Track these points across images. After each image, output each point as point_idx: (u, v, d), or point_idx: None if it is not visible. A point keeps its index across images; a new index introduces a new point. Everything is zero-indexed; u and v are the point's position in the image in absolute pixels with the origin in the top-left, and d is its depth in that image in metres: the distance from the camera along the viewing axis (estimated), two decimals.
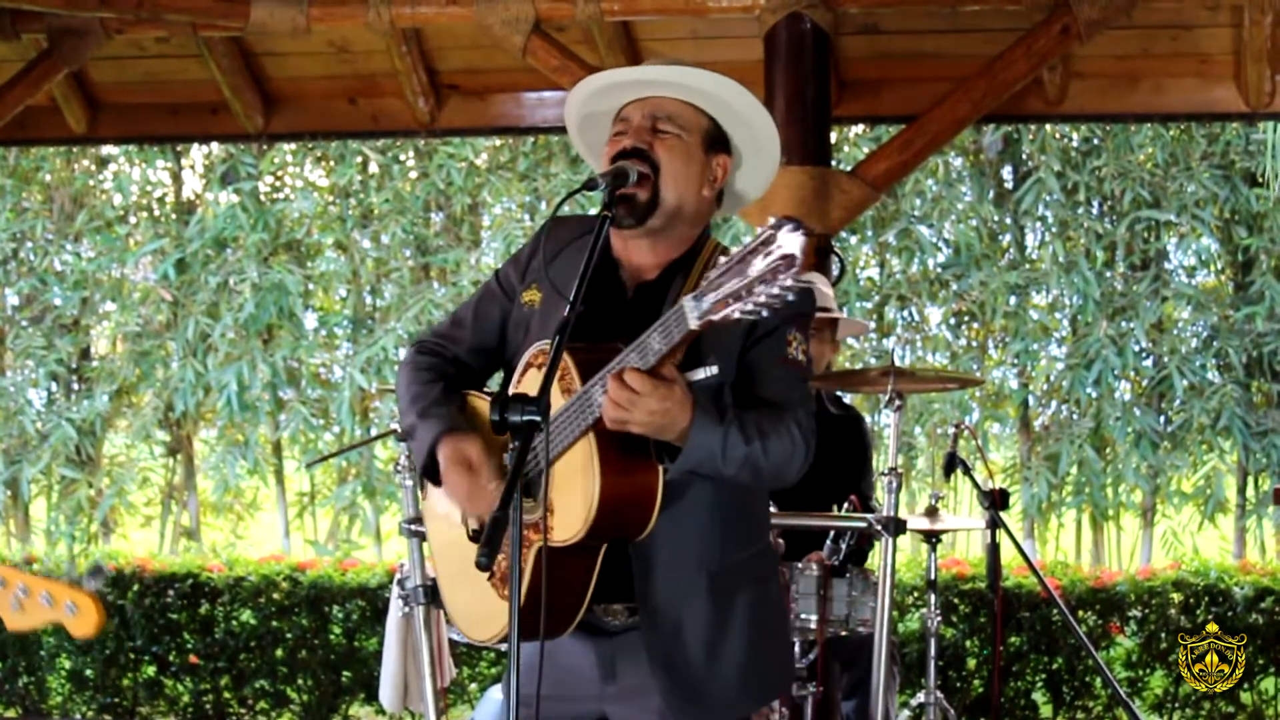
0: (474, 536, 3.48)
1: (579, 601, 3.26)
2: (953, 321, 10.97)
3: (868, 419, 6.43)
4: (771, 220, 2.83)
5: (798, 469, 3.28)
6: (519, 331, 3.49)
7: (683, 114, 3.40)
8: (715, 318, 2.88)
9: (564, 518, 3.16)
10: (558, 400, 3.15)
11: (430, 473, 3.48)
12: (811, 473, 3.44)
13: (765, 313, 2.83)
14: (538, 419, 2.91)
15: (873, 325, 10.78)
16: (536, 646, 3.15)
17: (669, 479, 3.18)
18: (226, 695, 8.72)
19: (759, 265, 2.80)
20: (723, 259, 2.90)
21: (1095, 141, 10.40)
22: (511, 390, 3.40)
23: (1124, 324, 10.33)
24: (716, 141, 3.44)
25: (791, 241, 2.78)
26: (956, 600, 8.03)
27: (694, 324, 2.92)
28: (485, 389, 3.60)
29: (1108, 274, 10.52)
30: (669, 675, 3.34)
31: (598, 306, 3.26)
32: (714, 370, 3.28)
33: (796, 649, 5.24)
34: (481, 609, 3.44)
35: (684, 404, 3.08)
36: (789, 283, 2.77)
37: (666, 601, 3.34)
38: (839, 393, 6.24)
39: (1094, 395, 10.39)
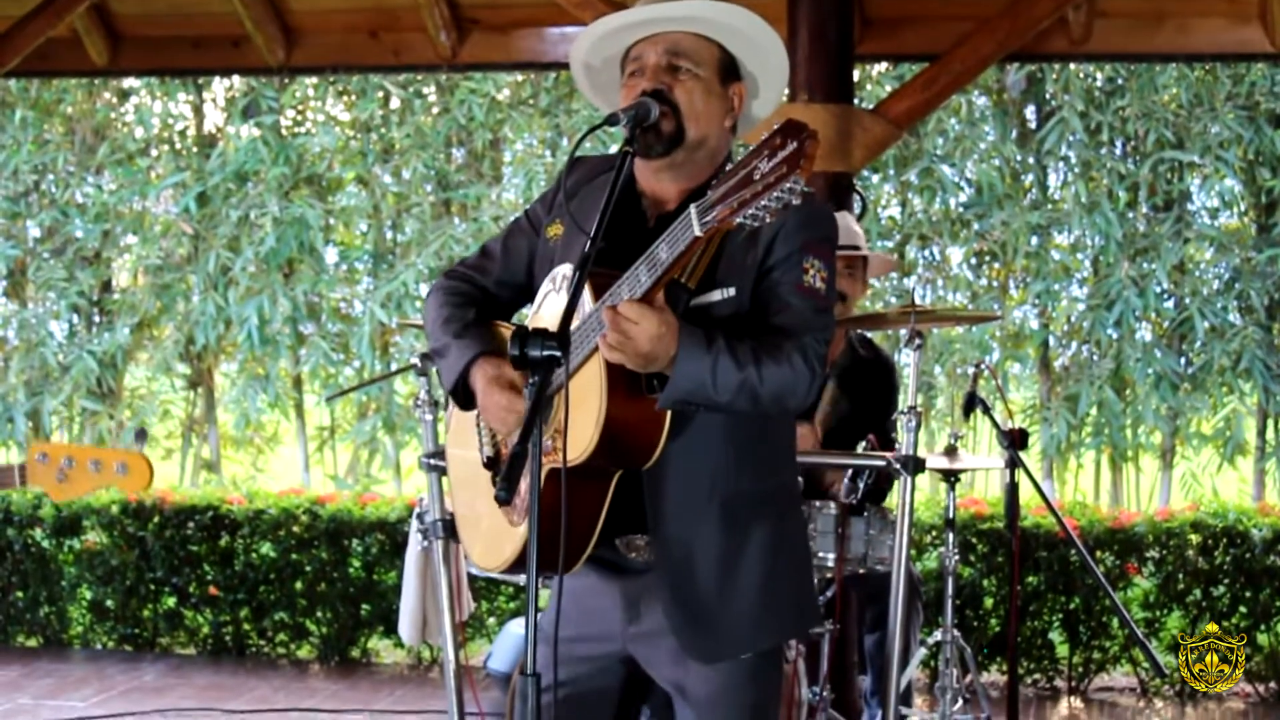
0: (488, 464, 3.48)
1: (590, 531, 3.24)
2: (974, 261, 10.92)
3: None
4: (775, 125, 2.82)
5: (802, 396, 3.23)
6: (544, 266, 3.48)
7: (697, 49, 3.37)
8: (719, 223, 2.86)
9: (573, 436, 3.14)
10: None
11: (459, 393, 3.48)
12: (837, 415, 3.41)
13: (768, 217, 2.81)
14: (558, 354, 2.90)
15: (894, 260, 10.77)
16: (560, 589, 3.14)
17: (660, 409, 3.15)
18: (246, 627, 8.78)
19: (763, 169, 2.79)
20: (729, 166, 2.89)
21: (1119, 81, 10.32)
22: (531, 316, 3.40)
23: (1145, 265, 10.28)
24: (731, 71, 3.42)
25: (794, 145, 2.76)
26: (974, 539, 8.05)
27: (699, 231, 2.90)
28: (511, 322, 3.60)
29: (1130, 215, 10.47)
30: (680, 606, 3.33)
31: (620, 237, 3.22)
32: (730, 293, 3.26)
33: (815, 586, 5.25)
34: (493, 538, 3.45)
35: (674, 329, 3.06)
36: (791, 185, 2.75)
37: (678, 531, 3.32)
38: (868, 335, 6.23)
39: (1114, 336, 10.36)
